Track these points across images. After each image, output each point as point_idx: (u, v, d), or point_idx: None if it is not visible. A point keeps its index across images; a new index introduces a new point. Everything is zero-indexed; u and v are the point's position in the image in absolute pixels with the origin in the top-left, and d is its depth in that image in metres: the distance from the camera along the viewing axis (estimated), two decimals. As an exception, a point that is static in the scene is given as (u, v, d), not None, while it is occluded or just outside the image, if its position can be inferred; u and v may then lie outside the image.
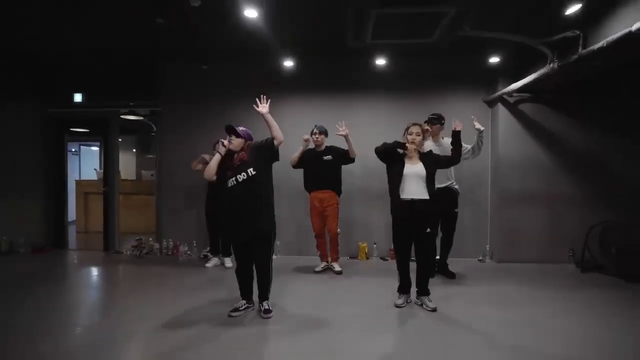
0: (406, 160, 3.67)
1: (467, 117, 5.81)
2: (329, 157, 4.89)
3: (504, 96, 5.44)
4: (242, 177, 3.35)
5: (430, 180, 3.63)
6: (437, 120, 4.68)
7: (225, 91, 6.07)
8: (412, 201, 3.57)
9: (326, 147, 4.96)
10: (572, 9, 3.42)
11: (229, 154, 3.44)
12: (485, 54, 5.28)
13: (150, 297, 4.11)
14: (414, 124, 3.75)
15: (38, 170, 6.46)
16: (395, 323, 3.43)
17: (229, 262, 5.25)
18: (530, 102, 5.54)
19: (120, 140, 9.51)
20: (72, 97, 6.39)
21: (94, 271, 5.46)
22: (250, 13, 3.44)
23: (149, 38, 5.07)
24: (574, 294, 4.26)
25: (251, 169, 3.35)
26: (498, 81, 5.55)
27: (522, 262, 5.43)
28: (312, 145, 4.94)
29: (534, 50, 4.36)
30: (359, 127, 5.84)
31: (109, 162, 6.55)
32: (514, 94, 5.38)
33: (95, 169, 9.74)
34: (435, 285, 4.22)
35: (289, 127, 5.76)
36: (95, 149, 11.55)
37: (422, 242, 3.66)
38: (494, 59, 5.32)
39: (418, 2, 2.96)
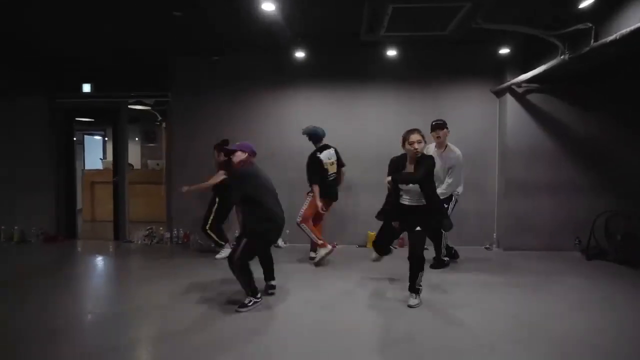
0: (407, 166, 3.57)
1: (474, 106, 5.87)
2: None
3: (513, 86, 5.47)
4: None
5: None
6: (444, 125, 4.53)
7: (235, 82, 6.05)
8: (410, 207, 3.59)
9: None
10: (586, 2, 3.45)
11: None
12: (494, 45, 5.30)
13: (163, 286, 4.17)
14: (412, 132, 3.45)
15: (48, 160, 6.46)
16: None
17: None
18: (538, 92, 5.57)
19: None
20: (80, 88, 6.37)
21: (109, 260, 5.57)
22: (268, 7, 3.46)
23: (163, 32, 5.06)
24: (581, 281, 4.36)
25: None
26: (506, 72, 5.57)
27: (528, 250, 5.51)
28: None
29: (543, 41, 4.38)
30: (370, 117, 5.92)
31: (118, 152, 6.56)
32: (523, 84, 5.41)
33: (101, 159, 9.74)
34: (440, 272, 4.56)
35: (299, 118, 5.77)
36: (99, 138, 11.49)
37: (410, 238, 3.63)
38: (503, 50, 5.33)
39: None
